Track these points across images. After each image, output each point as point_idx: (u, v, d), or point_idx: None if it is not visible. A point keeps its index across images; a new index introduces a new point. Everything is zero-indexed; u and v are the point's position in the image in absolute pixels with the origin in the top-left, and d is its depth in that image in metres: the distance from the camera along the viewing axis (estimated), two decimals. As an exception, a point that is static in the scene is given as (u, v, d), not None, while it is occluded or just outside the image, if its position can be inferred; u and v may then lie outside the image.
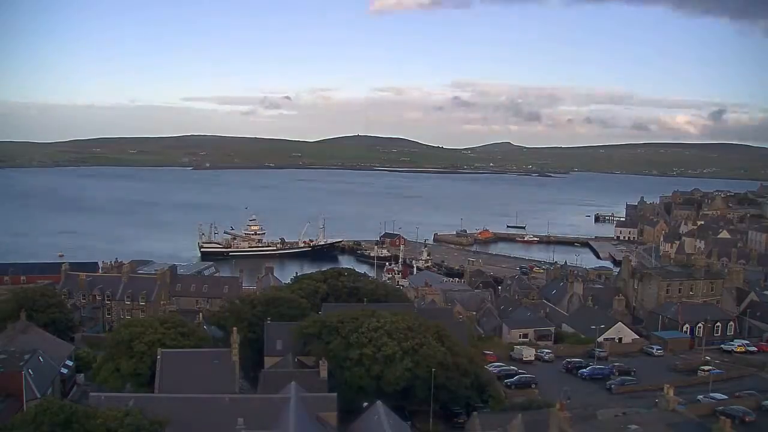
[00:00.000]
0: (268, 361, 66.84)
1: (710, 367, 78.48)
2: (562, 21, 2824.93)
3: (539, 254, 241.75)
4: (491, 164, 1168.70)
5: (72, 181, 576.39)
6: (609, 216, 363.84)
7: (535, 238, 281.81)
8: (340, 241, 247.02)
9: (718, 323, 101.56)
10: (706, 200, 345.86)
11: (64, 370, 66.98)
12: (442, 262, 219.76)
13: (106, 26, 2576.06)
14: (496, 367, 78.46)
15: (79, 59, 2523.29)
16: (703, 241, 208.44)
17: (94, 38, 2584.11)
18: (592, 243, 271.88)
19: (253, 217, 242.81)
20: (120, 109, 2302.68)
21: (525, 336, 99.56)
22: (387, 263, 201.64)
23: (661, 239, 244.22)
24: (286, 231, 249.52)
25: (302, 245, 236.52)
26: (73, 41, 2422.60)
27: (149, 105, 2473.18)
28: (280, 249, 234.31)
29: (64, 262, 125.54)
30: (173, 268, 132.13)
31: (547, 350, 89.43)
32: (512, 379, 74.48)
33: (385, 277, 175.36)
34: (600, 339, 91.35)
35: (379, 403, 50.08)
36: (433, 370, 57.54)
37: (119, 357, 61.88)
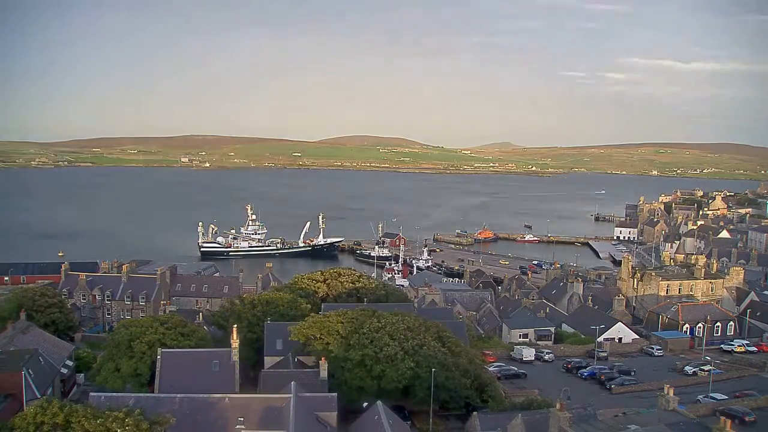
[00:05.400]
0: (268, 361, 66.72)
1: (710, 367, 78.55)
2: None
3: (539, 254, 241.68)
4: (491, 164, 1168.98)
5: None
6: (609, 216, 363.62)
7: (535, 238, 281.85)
8: (340, 241, 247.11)
9: (718, 323, 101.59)
10: (706, 200, 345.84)
11: (64, 370, 66.82)
12: (442, 262, 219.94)
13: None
14: (496, 367, 78.55)
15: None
16: (703, 241, 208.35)
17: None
18: (592, 243, 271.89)
19: (254, 216, 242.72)
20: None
21: (525, 336, 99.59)
22: (387, 263, 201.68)
23: (661, 239, 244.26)
24: (286, 231, 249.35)
25: (302, 245, 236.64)
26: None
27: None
28: (280, 249, 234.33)
29: (64, 262, 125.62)
30: (173, 268, 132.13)
31: (547, 350, 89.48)
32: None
33: (385, 277, 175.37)
34: (600, 339, 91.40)
35: (379, 403, 49.97)
36: (434, 370, 57.45)
37: (119, 357, 61.81)
